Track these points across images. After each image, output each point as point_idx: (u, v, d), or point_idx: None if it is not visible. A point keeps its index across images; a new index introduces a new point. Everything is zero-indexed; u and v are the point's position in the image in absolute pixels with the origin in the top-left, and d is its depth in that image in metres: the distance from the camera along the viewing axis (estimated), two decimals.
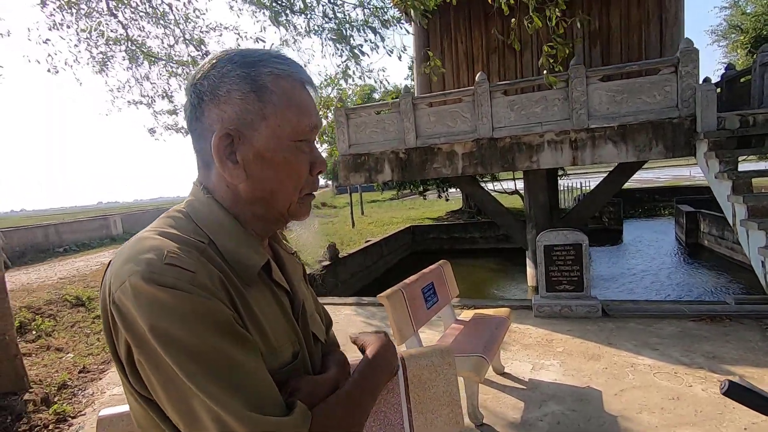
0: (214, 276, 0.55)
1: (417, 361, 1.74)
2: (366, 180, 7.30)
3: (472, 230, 15.14)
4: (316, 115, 0.66)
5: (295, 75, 0.64)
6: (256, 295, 0.61)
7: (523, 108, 6.26)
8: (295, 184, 0.65)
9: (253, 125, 0.61)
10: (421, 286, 3.22)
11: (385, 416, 1.66)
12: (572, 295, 4.60)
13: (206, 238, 0.60)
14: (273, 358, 0.60)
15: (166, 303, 0.50)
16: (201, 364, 0.50)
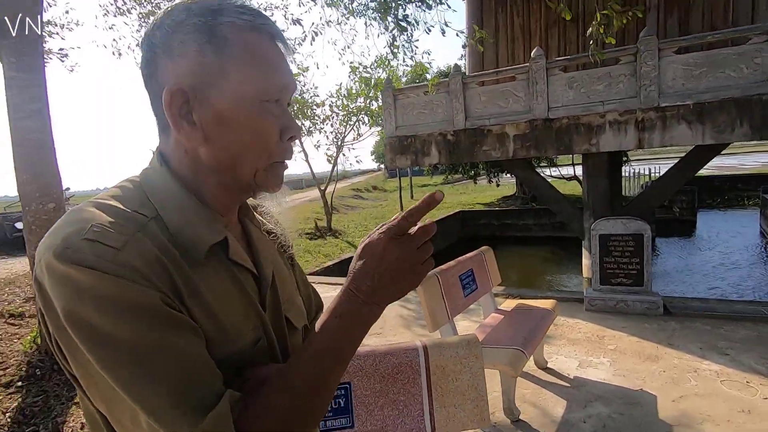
0: (149, 255, 0.48)
1: (441, 351, 1.65)
2: (412, 163, 7.15)
3: (525, 217, 14.53)
4: (286, 74, 0.58)
5: (262, 27, 0.55)
6: (209, 275, 0.54)
7: (583, 85, 5.77)
8: (262, 150, 0.56)
9: (212, 82, 0.53)
10: (459, 272, 3.08)
11: (405, 406, 1.59)
12: (630, 290, 4.23)
13: (153, 211, 0.53)
14: (225, 344, 0.53)
15: (81, 284, 0.44)
16: (118, 355, 0.44)
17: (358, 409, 1.57)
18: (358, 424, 1.56)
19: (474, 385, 1.64)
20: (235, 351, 0.54)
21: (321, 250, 9.32)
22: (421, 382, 1.62)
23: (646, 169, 16.79)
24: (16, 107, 3.24)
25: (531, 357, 3.25)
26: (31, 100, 3.30)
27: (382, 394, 1.59)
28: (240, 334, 0.55)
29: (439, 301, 2.74)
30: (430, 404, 1.61)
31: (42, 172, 3.37)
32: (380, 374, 1.60)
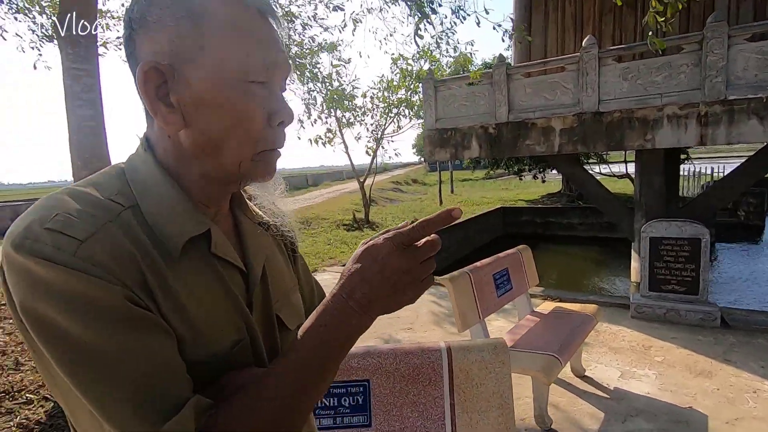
0: (118, 247, 0.44)
1: (466, 354, 1.57)
2: (452, 156, 6.98)
3: (570, 215, 13.88)
4: (275, 51, 0.52)
5: (256, 2, 0.50)
6: (187, 271, 0.50)
7: (639, 77, 5.36)
8: (246, 136, 0.51)
9: (191, 58, 0.48)
10: (493, 271, 2.96)
11: (425, 408, 1.53)
12: (682, 298, 3.91)
13: (131, 200, 0.49)
14: (199, 346, 0.49)
15: (37, 278, 0.41)
16: (77, 357, 0.41)
17: (376, 408, 1.52)
18: (376, 424, 1.51)
19: (499, 392, 1.55)
20: (212, 354, 0.50)
21: (358, 242, 9.37)
22: (444, 384, 1.55)
23: (709, 168, 15.56)
24: (73, 96, 3.44)
25: (569, 364, 3.11)
26: (85, 89, 3.48)
27: (402, 395, 1.53)
28: (218, 336, 0.51)
29: (471, 300, 2.64)
30: (452, 409, 1.53)
31: (94, 158, 3.56)
32: (401, 374, 1.55)
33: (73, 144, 3.50)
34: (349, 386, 1.52)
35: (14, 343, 3.31)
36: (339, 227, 10.78)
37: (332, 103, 10.03)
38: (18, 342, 3.33)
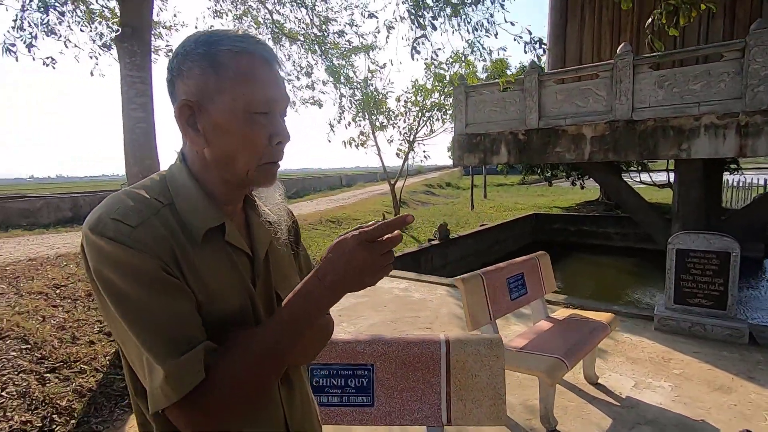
0: (157, 234, 0.63)
1: (463, 347, 1.71)
2: (480, 161, 7.04)
3: (606, 224, 13.48)
4: (273, 89, 0.69)
5: (255, 52, 0.68)
6: (207, 252, 0.68)
7: (675, 85, 5.24)
8: (251, 153, 0.69)
9: (211, 98, 0.67)
10: (507, 275, 3.05)
11: (423, 394, 1.68)
12: (709, 312, 3.82)
13: (169, 199, 0.68)
14: (212, 308, 0.67)
15: (104, 251, 0.60)
16: (127, 305, 0.60)
17: (379, 391, 1.68)
18: (378, 404, 1.68)
19: (493, 384, 1.67)
20: (222, 315, 0.68)
21: None
22: (441, 373, 1.69)
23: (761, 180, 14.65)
24: (128, 100, 3.82)
25: (581, 371, 3.15)
26: (139, 94, 3.85)
27: (403, 380, 1.69)
28: (226, 301, 0.69)
29: (482, 301, 2.75)
30: (448, 396, 1.67)
31: (144, 155, 3.93)
32: (402, 361, 1.70)
33: (127, 142, 3.88)
34: (356, 369, 1.69)
35: (71, 320, 3.71)
36: None
37: (366, 106, 10.27)
38: (75, 319, 3.73)
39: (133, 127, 3.84)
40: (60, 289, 4.22)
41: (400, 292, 5.51)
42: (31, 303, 3.80)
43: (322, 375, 1.68)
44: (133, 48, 3.78)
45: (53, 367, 3.02)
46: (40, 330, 3.37)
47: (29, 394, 2.70)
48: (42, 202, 10.48)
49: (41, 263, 4.94)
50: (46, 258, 5.18)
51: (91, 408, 2.75)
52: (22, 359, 3.00)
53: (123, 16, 3.86)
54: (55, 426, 2.54)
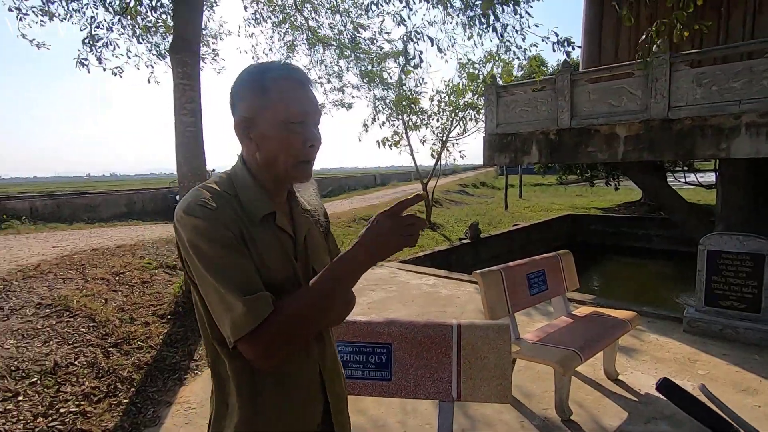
0: (230, 214, 0.85)
1: (472, 331, 1.90)
2: (511, 161, 7.07)
3: (646, 226, 13.00)
4: (307, 104, 0.90)
5: (292, 77, 0.90)
6: (262, 232, 0.89)
7: (715, 82, 5.09)
8: (289, 154, 0.89)
9: (260, 114, 0.89)
10: (527, 271, 3.17)
11: (436, 371, 1.88)
12: (741, 315, 3.76)
13: (234, 191, 0.90)
14: (266, 272, 0.87)
15: (195, 226, 0.82)
16: (213, 262, 0.81)
17: (396, 367, 1.88)
18: (395, 379, 1.88)
19: (500, 365, 1.83)
20: (272, 281, 0.87)
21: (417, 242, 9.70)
22: (452, 354, 1.87)
23: None
24: (179, 106, 4.21)
25: (602, 367, 3.21)
26: (189, 100, 4.24)
27: (418, 358, 1.88)
28: (276, 271, 0.89)
29: (501, 295, 2.89)
30: (458, 374, 1.85)
31: (193, 157, 4.32)
32: (418, 341, 1.89)
33: (178, 144, 4.28)
34: (376, 347, 1.90)
35: (129, 303, 4.15)
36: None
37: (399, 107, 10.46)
38: (132, 303, 4.17)
39: (183, 130, 4.24)
40: (119, 276, 4.71)
41: (429, 288, 5.68)
42: (96, 287, 4.27)
43: (347, 351, 1.90)
44: (185, 58, 4.17)
45: (115, 342, 3.43)
46: (103, 310, 3.81)
47: (96, 365, 3.11)
48: (101, 198, 11.44)
49: (102, 253, 5.49)
50: (106, 249, 5.74)
51: (147, 379, 3.12)
52: (89, 335, 3.43)
53: (175, 28, 4.26)
54: (118, 392, 2.91)
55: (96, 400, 2.78)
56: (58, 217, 10.09)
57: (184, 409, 2.83)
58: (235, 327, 0.79)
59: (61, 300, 3.81)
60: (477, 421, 2.68)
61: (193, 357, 3.52)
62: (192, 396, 3.00)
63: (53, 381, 2.84)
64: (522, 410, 2.78)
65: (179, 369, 3.32)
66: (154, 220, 10.84)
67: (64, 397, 2.73)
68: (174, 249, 6.07)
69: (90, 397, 2.79)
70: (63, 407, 2.64)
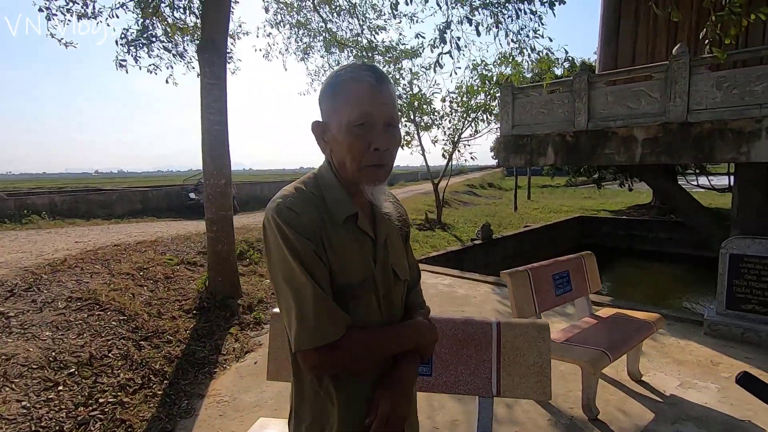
0: (313, 218, 0.87)
1: (512, 330, 1.94)
2: (526, 162, 7.10)
3: (658, 229, 12.95)
4: (372, 105, 0.87)
5: (361, 78, 0.88)
6: (342, 234, 0.90)
7: (735, 86, 5.10)
8: (353, 157, 0.88)
9: (332, 117, 0.90)
10: (553, 271, 3.20)
11: (476, 367, 1.93)
12: (764, 319, 3.77)
13: (319, 191, 0.92)
14: (343, 277, 0.90)
15: (281, 230, 0.85)
16: (287, 275, 0.86)
17: (437, 363, 1.93)
18: (435, 375, 1.93)
19: (539, 362, 1.87)
20: (350, 283, 0.90)
21: (429, 241, 9.74)
22: (492, 351, 1.91)
23: None
24: (207, 105, 4.28)
25: (625, 368, 3.24)
26: (216, 99, 4.31)
27: (458, 355, 1.93)
28: (353, 273, 0.91)
29: (528, 295, 2.93)
30: (498, 370, 1.89)
31: (219, 155, 4.39)
32: (458, 338, 1.94)
33: (204, 142, 4.35)
34: None
35: (155, 298, 4.23)
36: (412, 226, 11.21)
37: (412, 107, 10.51)
38: (158, 298, 4.25)
39: (210, 129, 4.31)
40: (143, 272, 4.79)
41: (445, 288, 5.72)
42: (122, 282, 4.36)
43: None
44: (213, 58, 4.24)
45: (146, 336, 3.51)
46: (131, 305, 3.89)
47: (129, 357, 3.18)
48: (117, 195, 11.59)
49: (124, 248, 5.58)
50: (128, 244, 5.83)
51: (179, 372, 3.19)
52: (121, 328, 3.51)
53: (204, 30, 4.33)
54: (152, 384, 2.99)
55: (132, 392, 2.85)
56: (75, 213, 10.25)
57: (216, 402, 2.90)
58: (297, 340, 0.84)
59: (91, 294, 3.89)
60: (505, 419, 2.72)
61: (220, 351, 3.59)
62: (223, 389, 3.07)
63: (90, 372, 2.92)
64: (549, 409, 2.82)
65: (208, 363, 3.39)
66: (169, 216, 10.96)
67: (102, 387, 2.81)
68: (193, 246, 6.16)
69: (126, 388, 2.87)
70: (101, 397, 2.71)
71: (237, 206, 12.19)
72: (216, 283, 4.48)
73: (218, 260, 4.48)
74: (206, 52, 4.19)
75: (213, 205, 4.36)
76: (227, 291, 4.49)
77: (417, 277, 1.16)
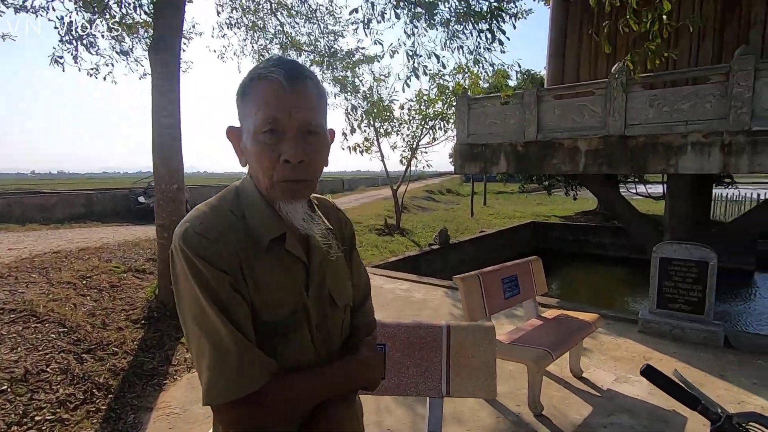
0: (230, 244, 0.72)
1: (460, 332, 2.04)
2: (480, 170, 7.37)
3: (602, 234, 13.81)
4: (276, 109, 0.71)
5: (270, 75, 0.72)
6: (267, 260, 0.76)
7: (665, 104, 5.58)
8: (264, 170, 0.74)
9: (242, 122, 0.77)
10: (502, 276, 3.37)
11: (426, 370, 2.01)
12: (688, 317, 4.14)
13: (241, 211, 0.77)
14: (267, 311, 0.75)
15: (189, 260, 0.71)
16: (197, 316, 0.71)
17: (389, 367, 1.99)
18: (389, 377, 1.99)
19: (486, 363, 1.98)
20: (276, 319, 0.75)
21: (388, 247, 9.85)
22: (442, 353, 2.00)
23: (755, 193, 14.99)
24: (159, 107, 4.15)
25: (568, 366, 3.45)
26: (168, 102, 4.18)
27: (410, 358, 2.00)
28: (280, 307, 0.76)
29: (479, 299, 3.06)
30: (448, 372, 1.98)
31: (171, 159, 4.25)
32: (410, 342, 2.01)
33: (156, 144, 4.20)
34: None
35: (100, 308, 4.02)
36: (371, 231, 11.31)
37: (371, 114, 10.62)
38: (103, 308, 4.04)
39: (161, 131, 4.17)
40: (86, 280, 4.54)
41: (402, 293, 5.82)
42: (62, 291, 4.11)
43: None
44: (165, 58, 4.12)
45: (89, 348, 3.33)
46: (73, 315, 3.68)
47: (70, 371, 3.01)
48: (57, 198, 10.84)
49: (65, 256, 5.26)
50: (69, 251, 5.49)
51: (125, 385, 3.06)
52: (60, 341, 3.31)
53: (156, 29, 4.19)
54: (95, 399, 2.84)
55: (72, 407, 2.70)
56: (9, 218, 9.49)
57: (166, 414, 2.81)
58: (208, 392, 0.69)
59: (26, 305, 3.65)
60: (455, 419, 2.83)
61: (171, 362, 3.47)
62: (173, 401, 2.97)
63: (25, 389, 2.74)
64: (497, 406, 2.96)
65: (157, 374, 3.27)
66: (115, 221, 10.39)
67: (38, 404, 2.64)
68: (142, 252, 5.90)
69: (66, 404, 2.71)
70: (38, 415, 2.56)
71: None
72: (167, 292, 4.32)
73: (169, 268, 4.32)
74: (159, 52, 4.06)
75: (164, 211, 4.21)
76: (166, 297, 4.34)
77: (363, 297, 0.99)
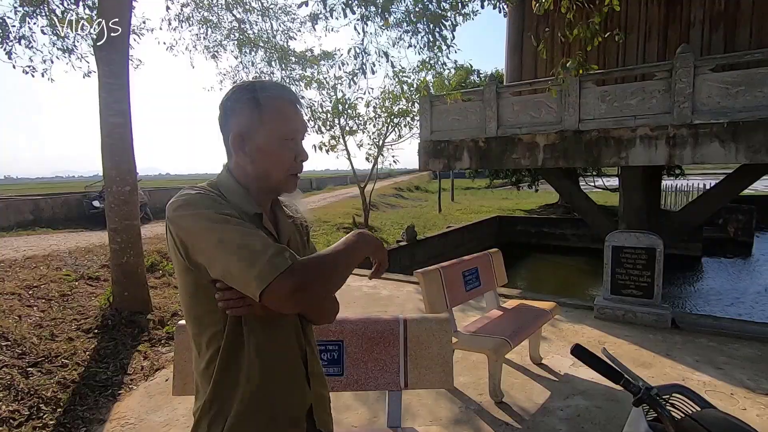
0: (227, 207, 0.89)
1: (417, 324, 2.07)
2: (444, 166, 7.48)
3: (563, 226, 14.32)
4: (298, 122, 0.99)
5: (285, 97, 0.97)
6: None
7: (615, 99, 5.85)
8: (282, 168, 0.97)
9: (256, 129, 0.94)
10: (463, 269, 3.43)
11: (385, 363, 2.02)
12: (639, 301, 4.36)
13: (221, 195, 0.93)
14: None
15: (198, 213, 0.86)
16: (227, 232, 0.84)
17: (348, 362, 1.99)
18: (347, 374, 1.99)
19: (442, 354, 2.01)
20: None
21: None
22: (400, 346, 2.02)
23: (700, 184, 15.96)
24: (106, 106, 3.96)
25: (528, 353, 3.56)
26: (117, 101, 4.01)
27: (368, 353, 2.01)
28: None
29: (440, 292, 3.11)
30: (405, 364, 2.00)
31: (122, 160, 4.07)
32: (367, 337, 2.02)
33: (105, 146, 4.02)
34: (327, 345, 1.99)
35: (48, 318, 3.81)
36: (339, 230, 11.26)
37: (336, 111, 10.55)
38: (51, 318, 3.83)
39: (110, 131, 3.99)
40: (33, 290, 4.29)
41: (369, 290, 5.83)
42: (5, 303, 3.86)
43: None
44: (112, 56, 3.93)
45: (35, 361, 3.15)
46: (17, 328, 3.47)
47: (14, 387, 2.84)
48: (2, 204, 10.14)
49: (9, 265, 4.95)
50: (14, 260, 5.17)
51: (76, 398, 2.91)
52: (2, 355, 3.12)
53: (101, 24, 4.00)
54: (42, 414, 2.69)
55: (17, 425, 2.55)
56: None
57: (121, 426, 2.70)
58: (261, 275, 0.80)
59: None
60: (417, 410, 2.86)
61: (126, 371, 3.33)
62: (128, 411, 2.86)
63: None
64: (460, 397, 3.02)
65: (112, 385, 3.14)
66: (68, 227, 9.85)
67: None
68: (96, 259, 5.63)
69: (9, 422, 2.55)
70: None
71: (150, 214, 11.30)
72: (122, 299, 4.15)
73: (124, 273, 4.15)
74: (104, 49, 3.88)
75: (116, 214, 4.04)
76: (135, 306, 4.17)
77: None
